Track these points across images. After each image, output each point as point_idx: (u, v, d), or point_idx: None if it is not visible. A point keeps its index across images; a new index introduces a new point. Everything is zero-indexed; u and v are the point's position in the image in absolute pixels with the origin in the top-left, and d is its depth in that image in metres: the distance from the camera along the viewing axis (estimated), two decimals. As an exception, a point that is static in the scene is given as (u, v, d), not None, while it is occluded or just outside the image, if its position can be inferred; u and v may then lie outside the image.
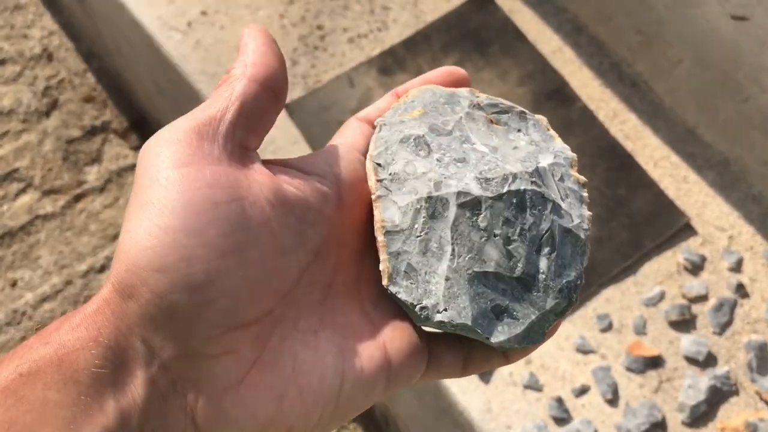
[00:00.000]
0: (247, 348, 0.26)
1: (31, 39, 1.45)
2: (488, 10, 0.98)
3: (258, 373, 0.26)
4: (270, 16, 0.97)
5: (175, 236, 0.25)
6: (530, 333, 0.30)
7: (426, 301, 0.29)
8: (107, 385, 0.24)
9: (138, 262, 0.25)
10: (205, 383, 0.25)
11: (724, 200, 0.88)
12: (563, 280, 0.31)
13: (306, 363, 0.27)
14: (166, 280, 0.25)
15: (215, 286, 0.25)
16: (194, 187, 0.26)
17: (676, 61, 0.89)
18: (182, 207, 0.25)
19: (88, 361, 0.24)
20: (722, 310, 0.82)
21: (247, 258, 0.26)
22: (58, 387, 0.23)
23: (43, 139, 1.36)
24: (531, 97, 0.93)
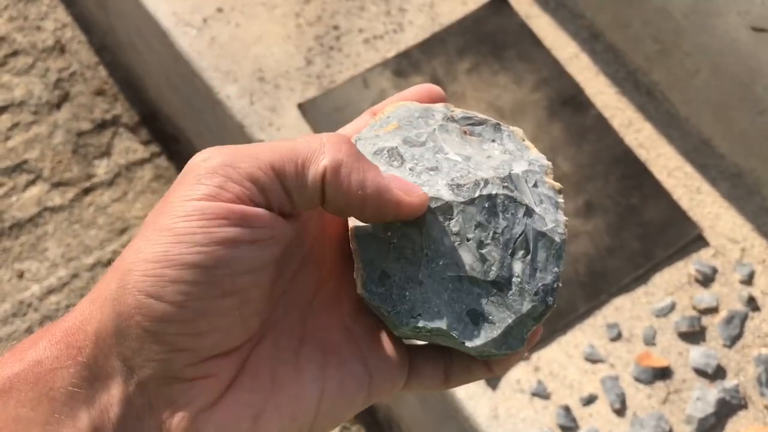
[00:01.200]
0: (226, 371, 0.26)
1: (44, 31, 1.45)
2: (505, 15, 0.98)
3: (234, 393, 0.26)
4: (286, 14, 0.97)
5: (181, 271, 0.24)
6: (508, 338, 0.30)
7: (400, 307, 0.29)
8: (82, 403, 0.24)
9: (137, 284, 0.24)
10: (182, 404, 0.25)
11: (738, 212, 0.87)
12: (539, 284, 0.30)
13: (285, 380, 0.27)
14: (161, 309, 0.24)
15: (208, 322, 0.25)
16: (219, 224, 0.25)
17: (694, 71, 0.89)
18: (198, 243, 0.25)
19: (65, 379, 0.24)
20: (733, 322, 0.82)
21: (248, 298, 0.26)
22: (32, 404, 0.23)
23: (54, 131, 1.36)
24: (546, 103, 0.93)
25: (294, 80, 0.93)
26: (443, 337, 0.30)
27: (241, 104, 0.92)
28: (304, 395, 0.28)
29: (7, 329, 1.20)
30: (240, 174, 0.26)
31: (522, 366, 0.80)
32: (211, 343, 0.25)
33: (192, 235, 0.25)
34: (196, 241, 0.25)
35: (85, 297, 0.26)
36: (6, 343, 1.18)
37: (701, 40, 0.86)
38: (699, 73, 0.89)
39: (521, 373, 0.80)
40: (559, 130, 0.91)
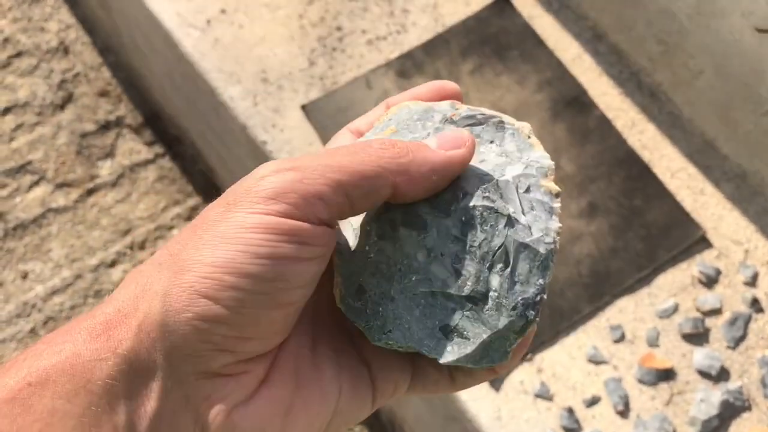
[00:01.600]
0: (260, 368, 0.27)
1: (47, 32, 1.45)
2: (508, 16, 0.97)
3: (267, 389, 0.27)
4: (289, 15, 0.97)
5: (241, 279, 0.25)
6: (489, 352, 0.29)
7: (374, 323, 0.29)
8: (120, 396, 0.24)
9: (195, 284, 0.25)
10: (218, 398, 0.26)
11: (741, 213, 0.87)
12: (518, 297, 0.29)
13: (307, 379, 0.28)
14: (215, 310, 0.25)
15: (256, 329, 0.26)
16: (284, 240, 0.26)
17: (697, 72, 0.89)
18: (264, 255, 0.25)
19: (104, 371, 0.24)
20: (736, 324, 0.82)
21: (295, 311, 0.27)
22: (68, 396, 0.23)
23: (57, 132, 1.37)
24: (549, 104, 0.92)
25: (297, 81, 0.93)
26: (415, 351, 0.30)
27: (244, 105, 0.92)
28: (326, 393, 0.28)
29: (11, 330, 1.20)
30: (309, 192, 0.26)
31: (525, 367, 0.80)
32: (253, 347, 0.26)
33: (257, 247, 0.25)
34: (259, 254, 0.25)
35: (121, 286, 0.26)
36: (10, 344, 1.18)
37: (705, 41, 0.86)
38: (703, 74, 0.88)
39: (524, 374, 0.80)
40: (562, 131, 0.91)
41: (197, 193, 1.31)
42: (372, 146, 0.28)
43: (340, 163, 0.27)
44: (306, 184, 0.26)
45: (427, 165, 0.28)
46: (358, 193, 0.27)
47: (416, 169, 0.28)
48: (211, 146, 1.17)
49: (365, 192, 0.27)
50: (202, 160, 1.30)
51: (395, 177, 0.28)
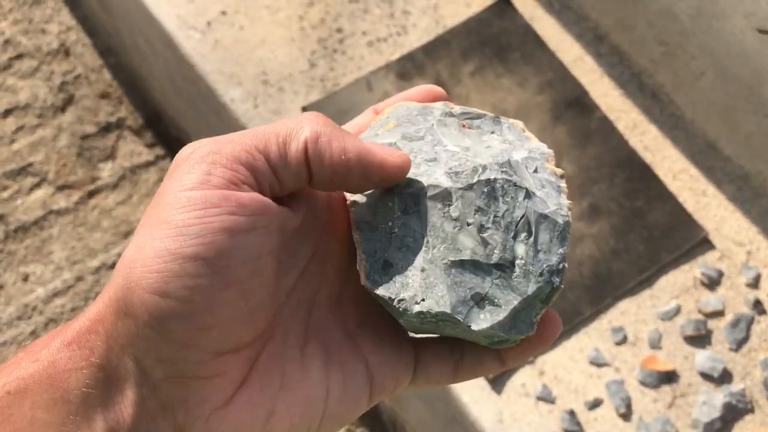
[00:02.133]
0: (237, 369, 0.26)
1: (48, 34, 1.45)
2: (509, 17, 0.97)
3: (247, 392, 0.26)
4: (290, 17, 0.97)
5: (183, 264, 0.24)
6: (516, 322, 0.30)
7: (404, 294, 0.29)
8: (97, 405, 0.24)
9: (140, 282, 0.24)
10: (194, 403, 0.25)
11: (744, 215, 0.87)
12: (543, 265, 0.30)
13: (293, 379, 0.27)
14: (166, 305, 0.24)
15: (214, 315, 0.25)
16: (215, 212, 0.25)
17: (699, 73, 0.89)
18: (197, 234, 0.24)
19: (79, 380, 0.24)
20: (739, 326, 0.81)
21: (250, 288, 0.26)
22: (47, 406, 0.23)
23: (58, 134, 1.36)
24: (550, 105, 0.92)
25: (298, 83, 0.93)
26: (449, 323, 0.30)
27: (245, 107, 0.92)
28: (312, 395, 0.28)
29: (12, 332, 1.20)
30: (227, 158, 0.26)
31: (527, 370, 0.80)
32: (217, 337, 0.25)
33: (189, 227, 0.24)
34: (194, 233, 0.24)
35: (96, 299, 0.26)
36: (11, 347, 1.18)
37: (707, 42, 0.86)
38: (704, 76, 0.88)
39: (526, 377, 0.79)
40: (563, 133, 0.91)
41: (198, 195, 1.31)
42: (296, 117, 0.28)
43: (255, 131, 0.27)
44: (223, 153, 0.26)
45: (356, 150, 0.28)
46: (275, 157, 0.27)
47: (337, 145, 0.27)
48: (212, 148, 1.17)
49: (284, 161, 0.27)
50: (203, 161, 1.30)
51: (309, 142, 0.27)
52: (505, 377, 0.79)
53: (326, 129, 0.27)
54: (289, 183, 0.27)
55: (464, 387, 0.79)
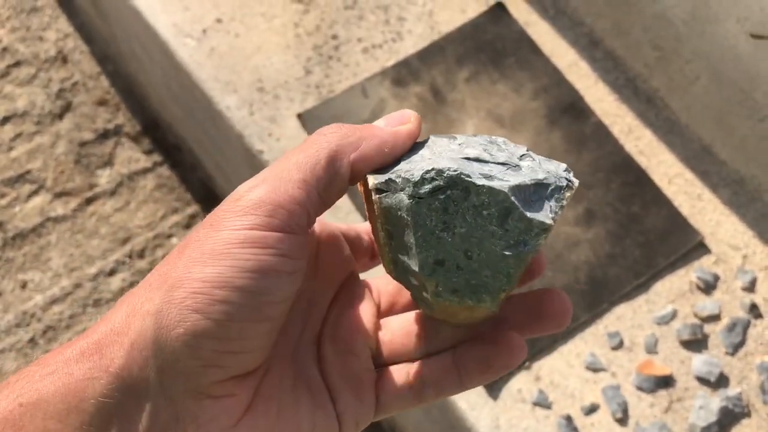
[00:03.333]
0: (245, 393, 0.28)
1: (46, 41, 1.46)
2: (504, 23, 0.97)
3: (252, 416, 0.28)
4: (285, 24, 0.97)
5: (230, 293, 0.26)
6: (533, 207, 0.30)
7: (408, 169, 0.30)
8: (113, 415, 0.24)
9: (185, 301, 0.26)
10: (205, 420, 0.26)
11: (739, 219, 0.87)
12: (549, 167, 0.32)
13: (288, 409, 0.29)
14: (204, 324, 0.26)
15: (243, 343, 0.27)
16: (270, 253, 0.27)
17: (693, 77, 0.89)
18: (251, 269, 0.26)
19: (96, 390, 0.24)
20: (735, 330, 0.81)
21: (278, 326, 0.28)
22: (60, 416, 0.24)
23: (56, 141, 1.37)
24: (545, 110, 0.92)
25: (293, 90, 0.93)
26: (459, 185, 0.29)
27: (240, 114, 0.92)
28: (302, 427, 0.29)
29: (10, 339, 1.20)
30: (286, 199, 0.28)
31: (523, 375, 0.80)
32: (240, 362, 0.27)
33: (244, 261, 0.26)
34: (246, 267, 0.26)
35: (114, 309, 0.27)
36: (9, 354, 1.18)
37: (701, 46, 0.86)
38: (699, 80, 0.88)
39: (522, 382, 0.79)
40: (558, 138, 0.91)
41: (196, 202, 1.31)
42: (321, 134, 0.30)
43: (297, 162, 0.28)
44: (279, 194, 0.28)
45: (376, 139, 0.30)
46: (323, 183, 0.29)
47: (366, 145, 0.30)
48: (209, 155, 1.18)
49: (329, 178, 0.29)
50: (201, 168, 1.30)
51: (349, 155, 0.29)
52: (501, 383, 0.79)
53: (349, 130, 0.30)
54: (333, 201, 0.30)
55: (461, 393, 0.79)
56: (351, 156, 0.29)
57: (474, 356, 0.31)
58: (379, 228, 0.31)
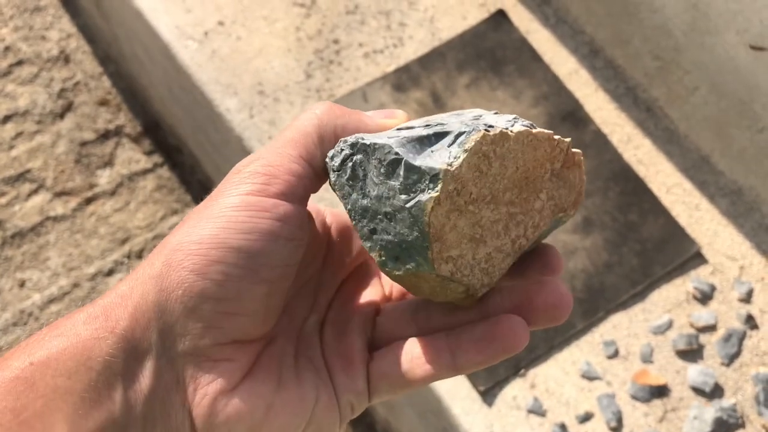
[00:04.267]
0: (245, 359, 0.28)
1: (48, 41, 1.46)
2: (505, 30, 0.98)
3: (251, 382, 0.28)
4: (286, 28, 0.98)
5: (226, 253, 0.27)
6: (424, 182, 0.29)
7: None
8: (117, 374, 0.26)
9: (182, 262, 0.27)
10: (205, 382, 0.27)
11: (737, 229, 0.87)
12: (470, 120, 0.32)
13: (289, 381, 0.29)
14: (202, 284, 0.27)
15: (241, 304, 0.27)
16: (265, 216, 0.28)
17: (693, 88, 0.89)
18: (246, 230, 0.27)
19: (102, 349, 0.26)
20: (731, 341, 0.82)
21: (275, 290, 0.28)
22: (69, 374, 0.25)
23: (57, 140, 1.37)
24: (545, 118, 0.93)
25: (293, 94, 0.93)
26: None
27: (240, 117, 0.92)
28: (304, 399, 0.29)
29: (7, 338, 1.20)
30: (283, 170, 0.29)
31: (518, 383, 0.80)
32: (239, 325, 0.28)
33: (240, 223, 0.27)
34: (242, 229, 0.27)
35: (122, 281, 0.28)
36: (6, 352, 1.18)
37: (700, 57, 0.86)
38: (698, 91, 0.89)
39: (517, 389, 0.79)
40: (557, 146, 0.91)
41: (195, 203, 1.31)
42: (312, 110, 0.31)
43: (292, 139, 0.30)
44: (276, 166, 0.29)
45: (361, 125, 0.31)
46: (317, 159, 0.30)
47: (353, 129, 0.31)
48: (209, 156, 1.18)
49: (321, 154, 0.30)
50: (201, 169, 1.31)
51: (336, 134, 0.30)
52: (497, 389, 0.79)
53: (340, 112, 0.31)
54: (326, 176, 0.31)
55: (455, 399, 0.79)
56: (338, 136, 0.31)
57: (470, 337, 0.30)
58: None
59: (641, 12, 0.89)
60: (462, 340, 0.30)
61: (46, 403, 0.24)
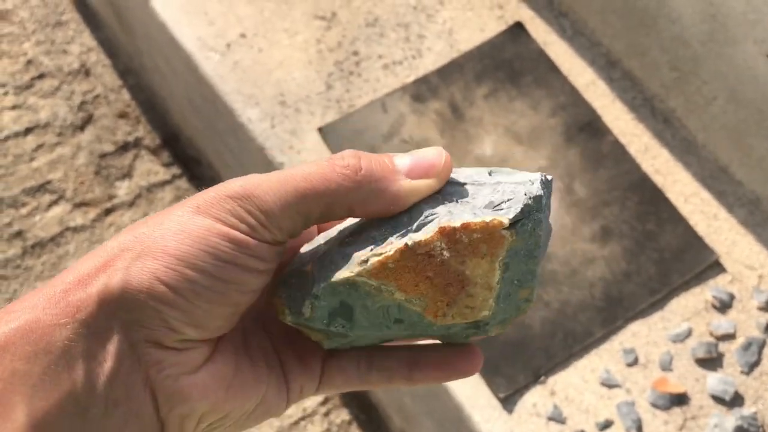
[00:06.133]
0: (206, 348, 0.29)
1: (70, 54, 1.48)
2: (522, 42, 0.99)
3: (212, 365, 0.29)
4: (307, 40, 0.99)
5: (201, 276, 0.28)
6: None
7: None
8: (78, 357, 0.26)
9: (157, 271, 0.27)
10: (168, 365, 0.28)
11: (755, 239, 0.88)
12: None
13: (245, 364, 0.31)
14: (171, 297, 0.27)
15: (205, 319, 0.28)
16: (245, 253, 0.28)
17: (711, 98, 0.90)
18: (222, 260, 0.28)
19: (63, 334, 0.26)
20: (750, 349, 0.82)
21: (240, 310, 0.30)
22: (27, 358, 0.25)
23: (77, 152, 1.39)
24: (563, 128, 0.93)
25: (314, 104, 0.95)
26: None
27: (262, 127, 0.93)
28: (259, 381, 0.31)
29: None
30: (267, 216, 0.29)
31: (538, 390, 0.80)
32: (199, 334, 0.28)
33: (220, 252, 0.28)
34: (221, 258, 0.28)
35: (83, 260, 0.28)
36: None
37: (718, 67, 0.87)
38: (716, 101, 0.89)
39: (537, 396, 0.80)
40: (575, 156, 0.92)
41: (213, 214, 1.32)
42: (334, 167, 0.29)
43: (294, 185, 0.29)
44: (263, 210, 0.28)
45: (386, 197, 0.29)
46: (313, 218, 0.29)
47: (373, 199, 0.29)
48: (229, 167, 1.19)
49: (320, 211, 0.29)
50: (220, 180, 1.32)
51: (350, 200, 0.29)
52: (516, 397, 0.80)
53: (365, 185, 0.30)
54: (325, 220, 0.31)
55: (475, 407, 0.79)
56: (353, 204, 0.29)
57: (431, 355, 0.32)
58: None
59: (658, 23, 0.90)
60: (423, 356, 0.32)
61: (5, 387, 0.25)
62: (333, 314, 0.30)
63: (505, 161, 0.92)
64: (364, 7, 1.01)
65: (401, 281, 0.29)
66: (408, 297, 0.29)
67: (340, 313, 0.30)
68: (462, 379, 0.32)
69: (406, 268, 0.29)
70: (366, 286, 0.29)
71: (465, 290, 0.29)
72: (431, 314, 0.29)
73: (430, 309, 0.29)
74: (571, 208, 0.89)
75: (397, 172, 0.30)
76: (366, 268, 0.29)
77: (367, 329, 0.30)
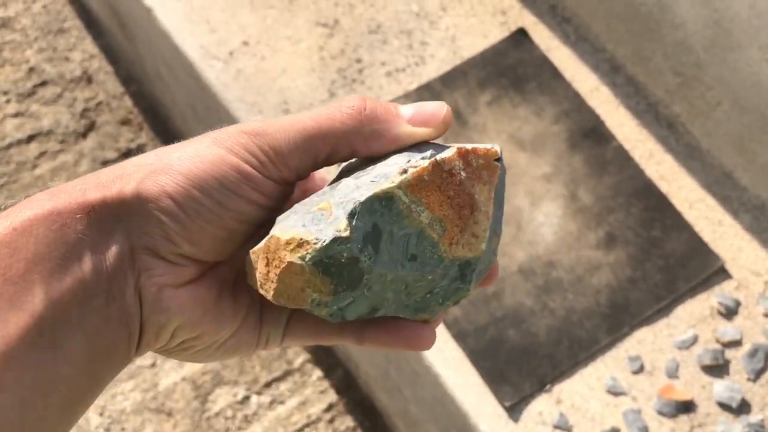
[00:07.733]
0: (194, 269, 0.32)
1: (72, 62, 1.48)
2: (525, 48, 0.99)
3: (196, 287, 0.32)
4: (310, 48, 0.99)
5: (206, 198, 0.30)
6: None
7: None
8: (88, 249, 0.29)
9: (167, 187, 0.30)
10: (156, 273, 0.31)
11: (761, 244, 0.87)
12: None
13: (226, 296, 0.33)
14: (175, 211, 0.30)
15: (200, 237, 0.31)
16: (249, 185, 0.31)
17: (715, 104, 0.89)
18: (229, 189, 0.30)
19: (77, 227, 0.29)
20: (757, 356, 0.81)
21: (235, 237, 0.32)
22: (48, 243, 0.28)
23: (79, 159, 1.39)
24: (566, 135, 0.93)
25: (317, 112, 0.95)
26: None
27: (265, 135, 0.93)
28: (236, 315, 0.33)
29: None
30: (277, 156, 0.31)
31: (544, 398, 0.80)
32: (193, 250, 0.31)
33: (228, 181, 0.30)
34: (227, 186, 0.30)
35: (108, 168, 0.31)
36: None
37: (722, 73, 0.87)
38: (720, 106, 0.89)
39: (543, 405, 0.79)
40: (579, 162, 0.92)
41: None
42: (338, 110, 0.32)
43: (303, 125, 0.32)
44: (273, 147, 0.31)
45: (387, 137, 0.32)
46: (322, 158, 0.32)
47: (375, 139, 0.32)
48: (231, 175, 1.19)
49: (327, 151, 0.32)
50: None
51: (354, 139, 0.32)
52: (522, 405, 0.79)
53: (367, 124, 0.32)
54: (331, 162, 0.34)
55: (481, 415, 0.79)
56: (355, 145, 0.32)
57: (387, 322, 0.34)
58: None
59: (662, 29, 0.90)
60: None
61: (26, 266, 0.28)
62: (366, 239, 0.31)
63: (508, 168, 0.91)
64: (367, 14, 1.01)
65: (430, 199, 0.31)
66: (432, 218, 0.31)
67: (370, 239, 0.31)
68: (410, 350, 0.34)
69: (434, 185, 0.31)
70: (400, 204, 0.31)
71: (473, 216, 0.32)
72: (447, 241, 0.32)
73: (447, 235, 0.32)
74: (575, 215, 0.89)
75: (400, 116, 0.32)
76: (406, 178, 0.31)
77: (385, 265, 0.31)
